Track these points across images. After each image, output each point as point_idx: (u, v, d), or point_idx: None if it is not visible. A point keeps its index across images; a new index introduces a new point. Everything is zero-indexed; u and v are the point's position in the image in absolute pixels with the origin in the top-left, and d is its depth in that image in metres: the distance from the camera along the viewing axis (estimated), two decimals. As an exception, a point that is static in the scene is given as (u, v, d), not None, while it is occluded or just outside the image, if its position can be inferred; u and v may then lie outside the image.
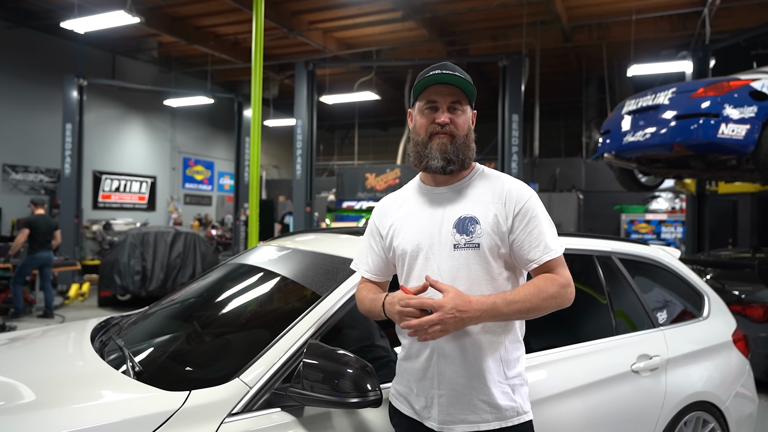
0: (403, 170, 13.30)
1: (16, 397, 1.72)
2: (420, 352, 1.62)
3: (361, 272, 1.80)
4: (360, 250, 1.83)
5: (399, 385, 1.72)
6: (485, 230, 1.57)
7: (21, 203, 12.50)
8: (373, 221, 1.80)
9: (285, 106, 16.33)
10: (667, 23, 11.13)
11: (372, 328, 2.11)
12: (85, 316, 7.68)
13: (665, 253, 3.16)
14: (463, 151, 1.63)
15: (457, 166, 1.63)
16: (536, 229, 1.58)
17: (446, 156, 1.61)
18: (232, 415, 1.62)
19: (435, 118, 1.62)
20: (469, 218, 1.59)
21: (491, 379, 1.57)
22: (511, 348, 1.63)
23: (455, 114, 1.62)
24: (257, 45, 6.31)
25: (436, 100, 1.62)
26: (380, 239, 1.75)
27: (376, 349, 2.07)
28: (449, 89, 1.61)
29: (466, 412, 1.57)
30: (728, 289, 5.16)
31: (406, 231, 1.67)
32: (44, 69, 12.67)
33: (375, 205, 1.85)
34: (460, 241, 1.58)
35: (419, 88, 1.64)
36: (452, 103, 1.62)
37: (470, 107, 1.67)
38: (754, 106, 5.03)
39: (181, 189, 17.26)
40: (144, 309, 2.76)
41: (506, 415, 1.58)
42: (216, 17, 11.96)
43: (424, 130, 1.64)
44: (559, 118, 19.15)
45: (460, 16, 11.41)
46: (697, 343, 2.82)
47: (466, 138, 1.65)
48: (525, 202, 1.60)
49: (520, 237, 1.58)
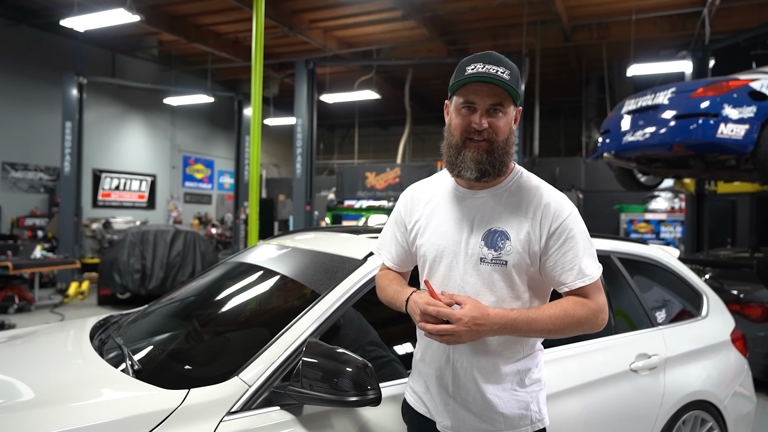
0: (403, 169, 13.29)
1: (15, 395, 1.72)
2: (434, 357, 1.59)
3: (383, 259, 1.75)
4: (383, 237, 1.76)
5: (415, 384, 1.69)
6: (515, 248, 1.47)
7: (20, 201, 12.49)
8: (399, 210, 1.71)
9: (285, 104, 16.31)
10: (667, 23, 11.12)
11: (369, 328, 2.11)
12: (84, 315, 7.69)
13: (664, 252, 3.16)
14: (501, 159, 1.48)
15: (492, 177, 1.50)
16: (571, 251, 1.47)
17: (481, 167, 1.47)
18: (231, 414, 1.62)
19: (472, 121, 1.46)
20: (500, 232, 1.49)
21: (506, 390, 1.54)
22: (530, 356, 1.58)
23: (496, 117, 1.46)
24: (257, 43, 6.31)
25: (475, 101, 1.46)
26: (405, 231, 1.68)
27: (374, 348, 2.08)
28: (490, 89, 1.44)
29: (480, 421, 1.54)
30: (727, 288, 5.16)
31: (431, 233, 1.58)
32: (44, 67, 12.65)
33: (404, 191, 1.73)
34: (487, 256, 1.49)
35: (458, 84, 1.46)
36: (492, 105, 1.45)
37: (514, 106, 1.50)
38: (753, 106, 5.03)
39: (181, 187, 17.25)
40: (143, 307, 2.76)
41: (520, 424, 1.54)
42: (216, 15, 11.95)
43: (459, 133, 1.49)
44: (558, 117, 19.15)
45: (461, 15, 11.40)
46: (695, 343, 2.82)
47: (506, 143, 1.49)
48: (563, 221, 1.48)
49: (553, 258, 1.48)
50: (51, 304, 8.88)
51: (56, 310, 8.40)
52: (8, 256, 8.23)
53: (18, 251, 8.55)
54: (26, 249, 8.67)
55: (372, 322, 2.12)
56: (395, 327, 2.24)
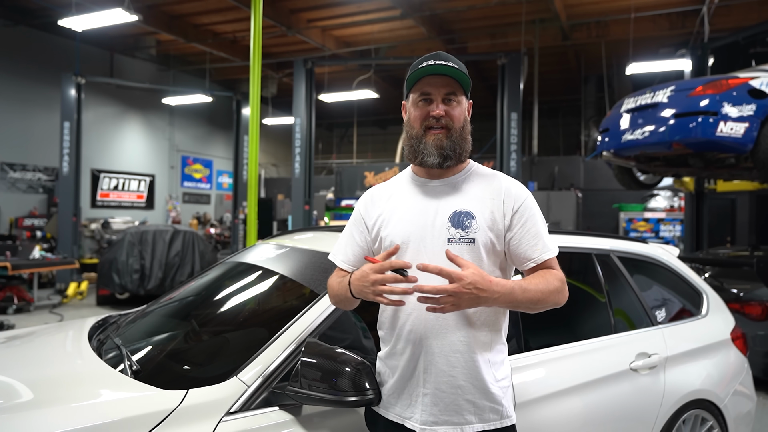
0: (402, 168, 13.28)
1: (14, 396, 1.71)
2: (405, 348, 1.56)
3: (337, 262, 1.70)
4: (340, 241, 1.74)
5: (380, 387, 1.64)
6: (481, 226, 1.54)
7: (19, 202, 12.47)
8: (358, 211, 1.71)
9: (283, 104, 16.30)
10: (666, 21, 11.12)
11: (362, 329, 2.11)
12: (83, 315, 7.68)
13: (664, 251, 3.15)
14: (460, 145, 1.60)
15: (454, 161, 1.60)
16: (534, 227, 1.57)
17: (442, 152, 1.57)
18: (229, 414, 1.61)
19: (429, 110, 1.57)
20: (465, 213, 1.55)
21: (479, 378, 1.53)
22: (497, 350, 1.60)
23: (450, 106, 1.58)
24: (256, 43, 6.30)
25: (430, 92, 1.57)
26: (365, 229, 1.67)
27: (367, 349, 2.07)
28: (443, 80, 1.57)
29: (450, 413, 1.52)
30: (727, 287, 5.16)
31: (396, 222, 1.60)
32: (42, 67, 12.63)
33: (363, 194, 1.76)
34: (455, 236, 1.53)
35: (413, 79, 1.59)
36: (447, 95, 1.58)
37: (465, 98, 1.63)
38: (753, 105, 5.03)
39: (180, 187, 17.23)
40: (142, 308, 2.76)
41: (490, 418, 1.54)
42: (214, 15, 11.93)
43: (418, 123, 1.60)
44: (557, 116, 19.14)
45: (459, 14, 11.40)
46: (695, 342, 2.82)
47: (463, 130, 1.61)
48: (523, 201, 1.59)
49: (518, 235, 1.56)
50: (50, 305, 8.87)
51: (55, 310, 8.39)
52: (7, 256, 8.23)
53: (17, 251, 8.54)
54: (25, 249, 8.66)
55: (368, 323, 2.11)
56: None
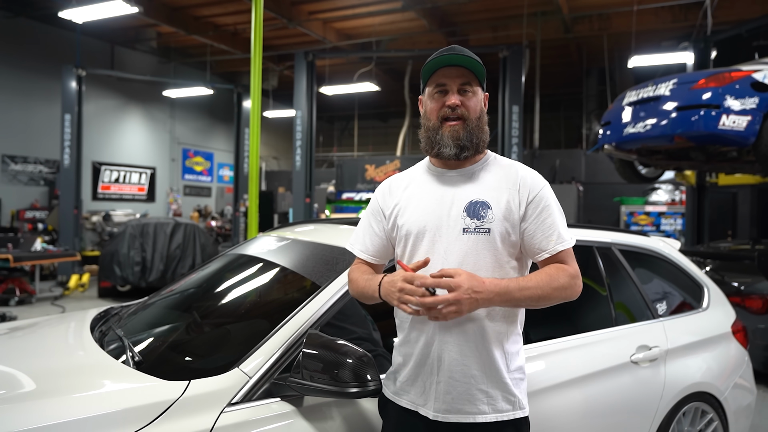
0: (403, 161, 13.28)
1: (17, 386, 1.72)
2: (420, 336, 1.57)
3: (356, 252, 1.74)
4: (357, 231, 1.77)
5: (394, 374, 1.66)
6: (497, 216, 1.53)
7: (20, 194, 12.48)
8: (376, 200, 1.73)
9: (284, 97, 16.27)
10: (668, 14, 11.06)
11: (365, 321, 2.11)
12: (85, 307, 7.70)
13: (665, 244, 3.15)
14: (477, 135, 1.59)
15: (471, 151, 1.59)
16: (549, 218, 1.55)
17: (459, 143, 1.57)
18: (231, 405, 1.62)
19: (445, 101, 1.58)
20: (481, 203, 1.54)
21: (493, 368, 1.53)
22: (513, 340, 1.59)
23: (466, 96, 1.58)
24: (256, 35, 6.27)
25: (446, 83, 1.58)
26: (382, 219, 1.69)
27: (369, 341, 2.07)
28: (458, 71, 1.57)
29: (463, 402, 1.52)
30: (728, 280, 5.16)
31: (412, 210, 1.61)
32: (43, 59, 12.60)
33: (381, 184, 1.77)
34: (470, 225, 1.53)
35: (428, 72, 1.60)
36: (462, 85, 1.57)
37: (481, 89, 1.62)
38: (756, 98, 5.00)
39: (181, 180, 17.23)
40: (144, 299, 2.76)
41: (503, 408, 1.54)
42: (215, 7, 11.89)
43: (435, 115, 1.60)
44: (559, 109, 19.08)
45: (461, 6, 11.34)
46: (696, 335, 2.82)
47: (479, 121, 1.60)
48: (539, 191, 1.57)
49: (533, 225, 1.55)
50: (52, 297, 8.89)
51: (57, 302, 8.42)
52: (9, 248, 8.24)
53: (18, 244, 8.56)
54: (26, 241, 8.68)
55: (372, 315, 2.12)
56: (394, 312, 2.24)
